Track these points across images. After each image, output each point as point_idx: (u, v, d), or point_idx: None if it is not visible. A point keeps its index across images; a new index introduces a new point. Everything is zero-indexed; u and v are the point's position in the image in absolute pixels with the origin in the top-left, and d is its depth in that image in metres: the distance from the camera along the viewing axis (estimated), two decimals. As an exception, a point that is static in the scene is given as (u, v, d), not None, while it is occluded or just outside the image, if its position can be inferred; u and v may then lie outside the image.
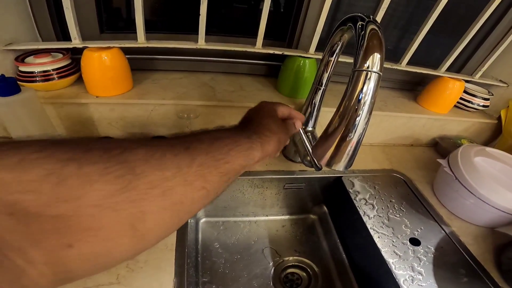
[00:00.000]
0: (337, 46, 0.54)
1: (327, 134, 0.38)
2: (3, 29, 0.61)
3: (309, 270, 0.73)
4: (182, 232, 0.54)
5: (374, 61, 0.34)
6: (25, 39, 0.67)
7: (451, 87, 0.85)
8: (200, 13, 0.64)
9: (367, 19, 0.38)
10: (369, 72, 0.34)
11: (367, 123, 0.36)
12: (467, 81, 0.95)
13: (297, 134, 0.66)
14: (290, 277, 0.71)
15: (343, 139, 0.36)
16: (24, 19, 0.66)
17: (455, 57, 0.84)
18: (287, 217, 0.84)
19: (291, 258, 0.75)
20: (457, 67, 1.01)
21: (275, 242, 0.77)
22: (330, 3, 0.68)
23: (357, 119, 0.35)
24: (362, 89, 0.34)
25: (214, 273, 0.67)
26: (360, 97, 0.34)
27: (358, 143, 0.37)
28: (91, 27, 0.72)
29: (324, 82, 0.61)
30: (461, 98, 0.92)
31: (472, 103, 0.91)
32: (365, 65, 0.34)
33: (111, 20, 0.76)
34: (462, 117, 0.90)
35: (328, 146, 0.37)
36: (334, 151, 0.37)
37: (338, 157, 0.38)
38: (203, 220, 0.77)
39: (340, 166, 0.38)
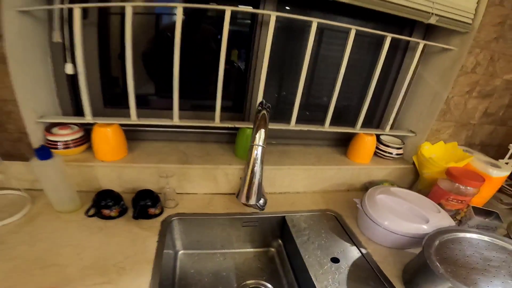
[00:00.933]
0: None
1: (242, 183, 0.64)
2: (38, 105, 0.89)
3: (266, 290, 0.93)
4: (159, 251, 0.76)
5: (260, 137, 0.61)
6: (50, 113, 0.94)
7: (366, 141, 1.13)
8: (173, 98, 0.93)
9: (263, 106, 0.67)
10: (257, 146, 0.61)
11: (261, 173, 0.62)
12: (382, 134, 1.22)
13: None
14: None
15: (250, 183, 0.62)
16: (51, 97, 0.94)
17: (363, 115, 1.12)
18: (251, 250, 1.05)
19: (253, 281, 0.94)
20: (376, 124, 1.30)
21: (240, 269, 0.97)
22: (263, 87, 0.97)
23: (255, 169, 0.61)
24: (256, 154, 0.61)
25: (188, 292, 0.87)
26: (255, 158, 0.61)
27: (259, 184, 0.62)
28: (97, 103, 1.00)
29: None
30: (378, 149, 1.19)
31: (388, 152, 1.19)
32: (255, 140, 0.61)
33: (112, 98, 1.05)
34: (382, 165, 1.17)
35: (243, 189, 0.63)
36: (246, 192, 0.62)
37: (250, 194, 0.63)
38: (181, 252, 0.98)
39: (252, 201, 0.63)
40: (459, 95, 1.08)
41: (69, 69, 0.87)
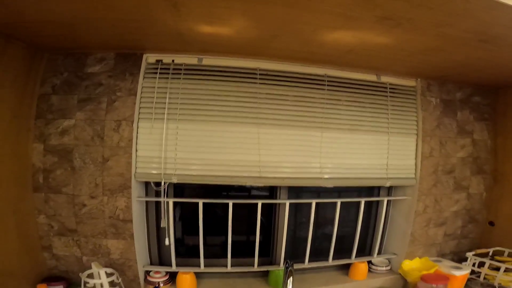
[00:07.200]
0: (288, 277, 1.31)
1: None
2: (141, 257, 1.42)
3: None
4: None
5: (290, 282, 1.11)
6: (144, 262, 1.46)
7: (359, 267, 1.58)
8: (228, 255, 1.45)
9: (289, 264, 1.17)
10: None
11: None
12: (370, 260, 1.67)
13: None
14: None
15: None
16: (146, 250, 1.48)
17: (356, 247, 1.59)
18: None
19: None
20: (368, 250, 1.76)
21: None
22: (285, 241, 1.48)
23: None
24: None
25: None
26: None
27: None
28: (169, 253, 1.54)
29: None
30: (371, 268, 1.64)
31: (379, 268, 1.63)
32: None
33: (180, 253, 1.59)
34: (377, 277, 1.60)
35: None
36: None
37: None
38: None
39: None
40: (420, 228, 1.54)
41: (167, 241, 1.41)
